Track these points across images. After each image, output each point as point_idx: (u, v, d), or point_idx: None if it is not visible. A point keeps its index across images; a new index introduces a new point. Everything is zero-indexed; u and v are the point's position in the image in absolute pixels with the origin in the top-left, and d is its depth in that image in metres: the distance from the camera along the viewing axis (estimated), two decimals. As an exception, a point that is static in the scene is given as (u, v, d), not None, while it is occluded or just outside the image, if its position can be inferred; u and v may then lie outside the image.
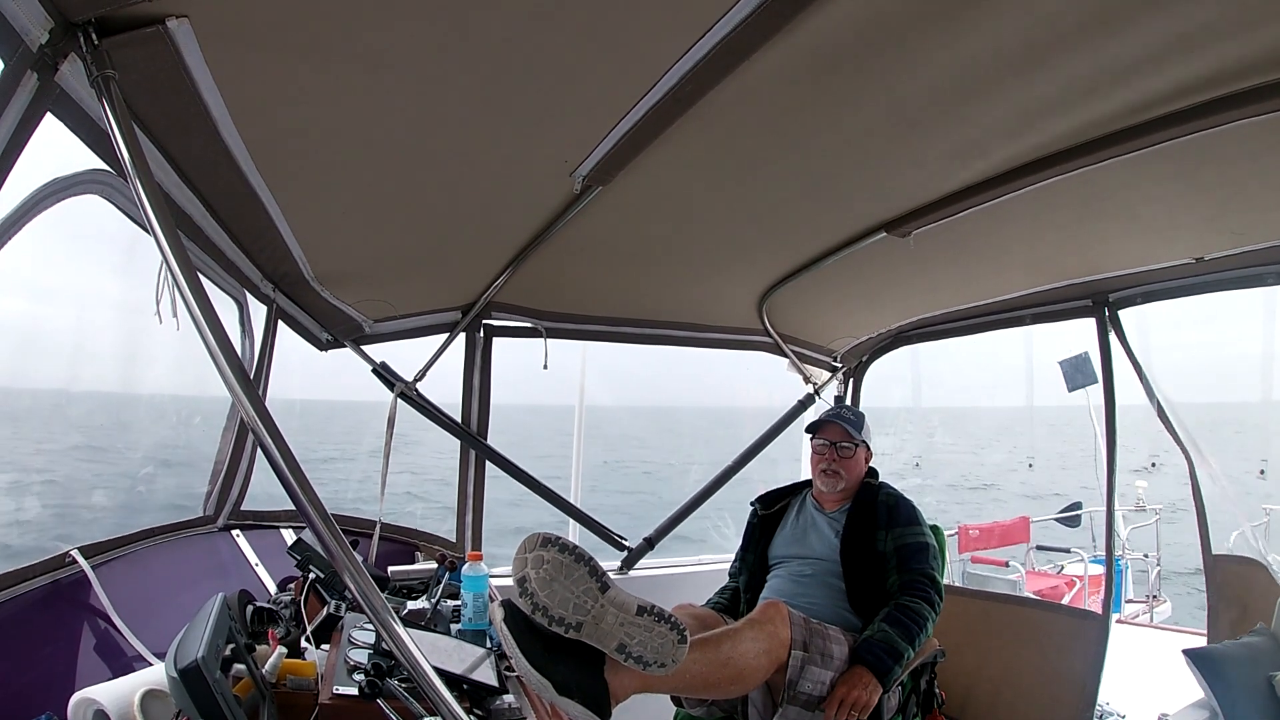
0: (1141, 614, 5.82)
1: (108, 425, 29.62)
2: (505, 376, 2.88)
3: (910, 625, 1.91)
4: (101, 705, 1.13)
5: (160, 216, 0.90)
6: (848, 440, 2.25)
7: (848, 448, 2.25)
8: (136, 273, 1.82)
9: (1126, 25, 1.15)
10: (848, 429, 2.25)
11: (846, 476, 2.24)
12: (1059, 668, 2.41)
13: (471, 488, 2.83)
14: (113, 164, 1.30)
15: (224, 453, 2.27)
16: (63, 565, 1.50)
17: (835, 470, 2.24)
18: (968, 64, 1.26)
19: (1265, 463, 7.48)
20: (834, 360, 3.45)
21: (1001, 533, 6.33)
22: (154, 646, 1.52)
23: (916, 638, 1.91)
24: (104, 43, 0.94)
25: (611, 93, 1.28)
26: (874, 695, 1.79)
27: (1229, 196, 1.80)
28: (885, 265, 2.41)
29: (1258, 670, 2.00)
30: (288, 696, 1.35)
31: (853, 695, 1.77)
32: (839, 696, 1.77)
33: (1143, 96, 1.38)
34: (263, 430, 0.87)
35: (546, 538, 1.51)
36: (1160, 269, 2.31)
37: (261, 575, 2.17)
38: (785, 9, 1.05)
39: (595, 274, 2.48)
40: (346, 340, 2.64)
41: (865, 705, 1.78)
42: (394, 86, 1.20)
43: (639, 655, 1.50)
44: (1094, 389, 5.62)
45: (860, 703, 1.77)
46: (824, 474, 2.26)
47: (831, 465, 2.25)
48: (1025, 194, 1.76)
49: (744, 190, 1.81)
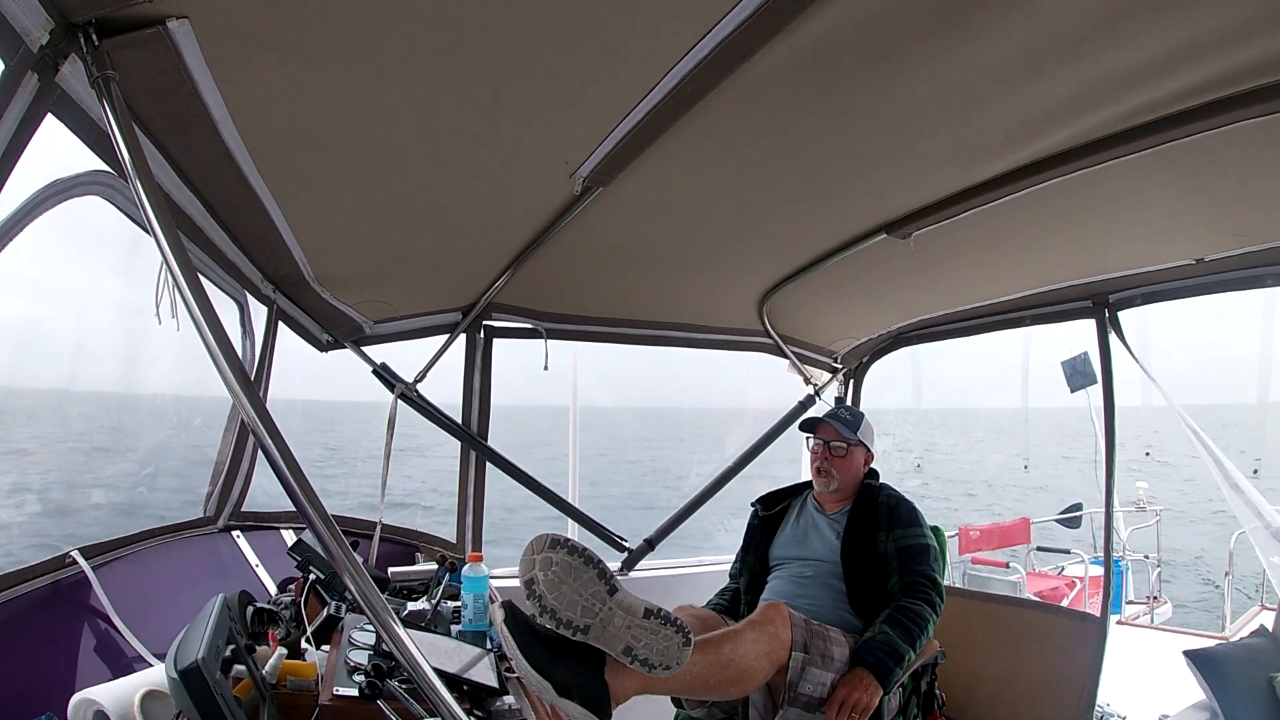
0: (1142, 615, 5.82)
1: (110, 426, 29.67)
2: (503, 377, 2.88)
3: (911, 627, 1.91)
4: (101, 706, 1.13)
5: (161, 217, 0.90)
6: (839, 440, 2.24)
7: (840, 447, 2.24)
8: (136, 274, 1.82)
9: (1127, 29, 1.15)
10: (839, 428, 2.25)
11: (839, 476, 2.23)
12: (1059, 669, 2.41)
13: (472, 489, 2.83)
14: (113, 165, 1.30)
15: (224, 454, 2.28)
16: (63, 566, 1.50)
17: (828, 470, 2.24)
18: (968, 66, 1.26)
19: (1259, 461, 7.46)
20: (834, 361, 3.45)
21: (1002, 534, 6.33)
22: (154, 647, 1.52)
23: (917, 640, 1.91)
24: (104, 43, 0.94)
25: (612, 94, 1.28)
26: (874, 697, 1.79)
27: (1229, 198, 1.80)
28: (886, 266, 2.41)
29: (1258, 671, 2.00)
30: (288, 697, 1.35)
31: (853, 697, 1.77)
32: (839, 698, 1.77)
33: (1143, 99, 1.38)
34: (263, 431, 0.87)
35: (555, 539, 1.50)
36: (1161, 270, 2.31)
37: (262, 576, 2.17)
38: (785, 10, 1.05)
39: (595, 275, 2.48)
40: (347, 341, 2.64)
41: (866, 707, 1.78)
42: (394, 87, 1.20)
43: (645, 658, 1.49)
44: (1094, 390, 5.63)
45: (861, 705, 1.77)
46: (818, 473, 2.26)
47: (824, 464, 2.25)
48: (1026, 195, 1.76)
49: (744, 191, 1.81)
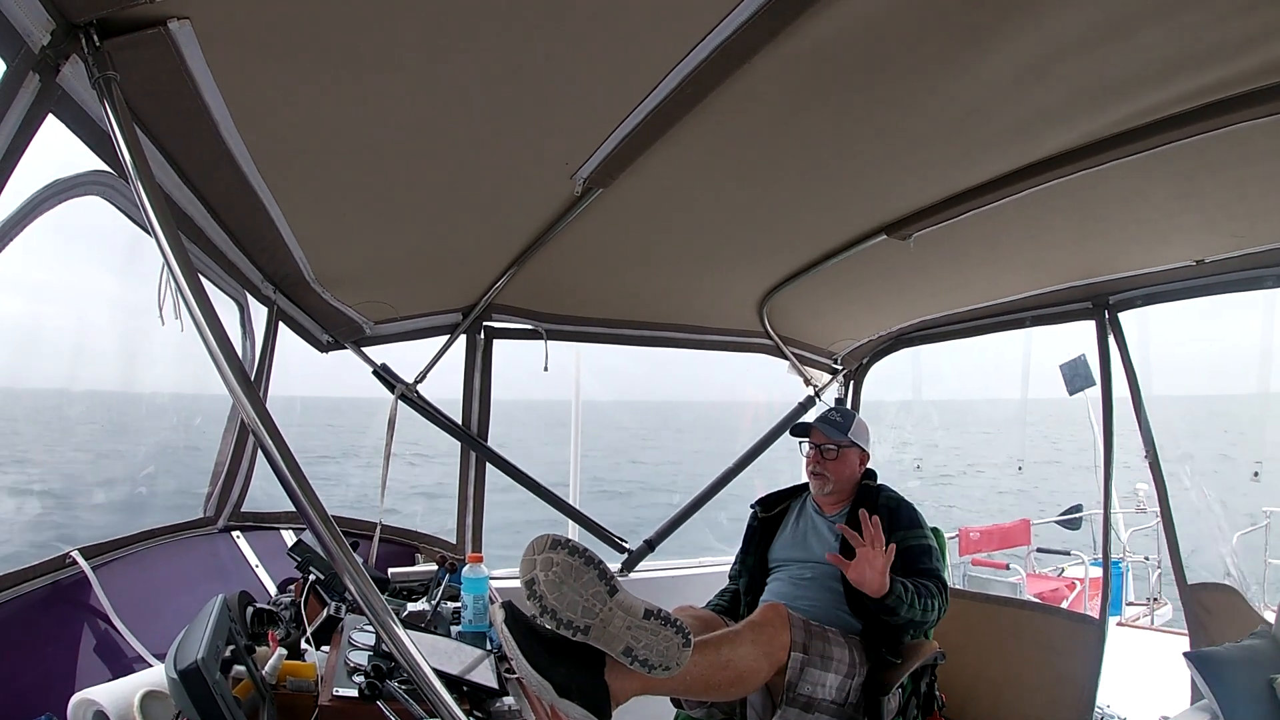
0: (1142, 616, 5.82)
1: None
2: (502, 375, 2.88)
3: (920, 591, 1.91)
4: (101, 706, 1.13)
5: (161, 218, 0.90)
6: (830, 443, 2.25)
7: (831, 450, 2.25)
8: (136, 274, 1.83)
9: (1127, 33, 1.15)
10: (829, 431, 2.25)
11: (834, 478, 2.24)
12: (1059, 670, 2.41)
13: (472, 489, 2.83)
14: (114, 165, 1.30)
15: (224, 454, 2.28)
16: (63, 566, 1.50)
17: (821, 473, 2.24)
18: (969, 68, 1.26)
19: (1260, 464, 7.44)
20: (834, 362, 3.45)
21: (1002, 535, 6.33)
22: (154, 648, 1.52)
23: (919, 601, 1.90)
24: (105, 44, 0.94)
25: (612, 95, 1.28)
26: (883, 576, 1.82)
27: (1229, 199, 1.80)
28: (886, 268, 2.42)
29: (1259, 673, 2.00)
30: (288, 698, 1.35)
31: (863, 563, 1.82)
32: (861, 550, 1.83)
33: (1143, 101, 1.38)
34: (263, 432, 0.87)
35: (556, 539, 1.50)
36: (1160, 271, 2.31)
37: (261, 577, 2.17)
38: (786, 12, 1.05)
39: (596, 276, 2.48)
40: (347, 342, 2.64)
41: (882, 569, 1.82)
42: (395, 89, 1.20)
43: (644, 659, 1.49)
44: (1093, 391, 5.63)
45: (875, 563, 1.81)
46: (813, 476, 2.27)
47: (818, 468, 2.25)
48: (1026, 196, 1.76)
49: (744, 192, 1.82)
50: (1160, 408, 2.53)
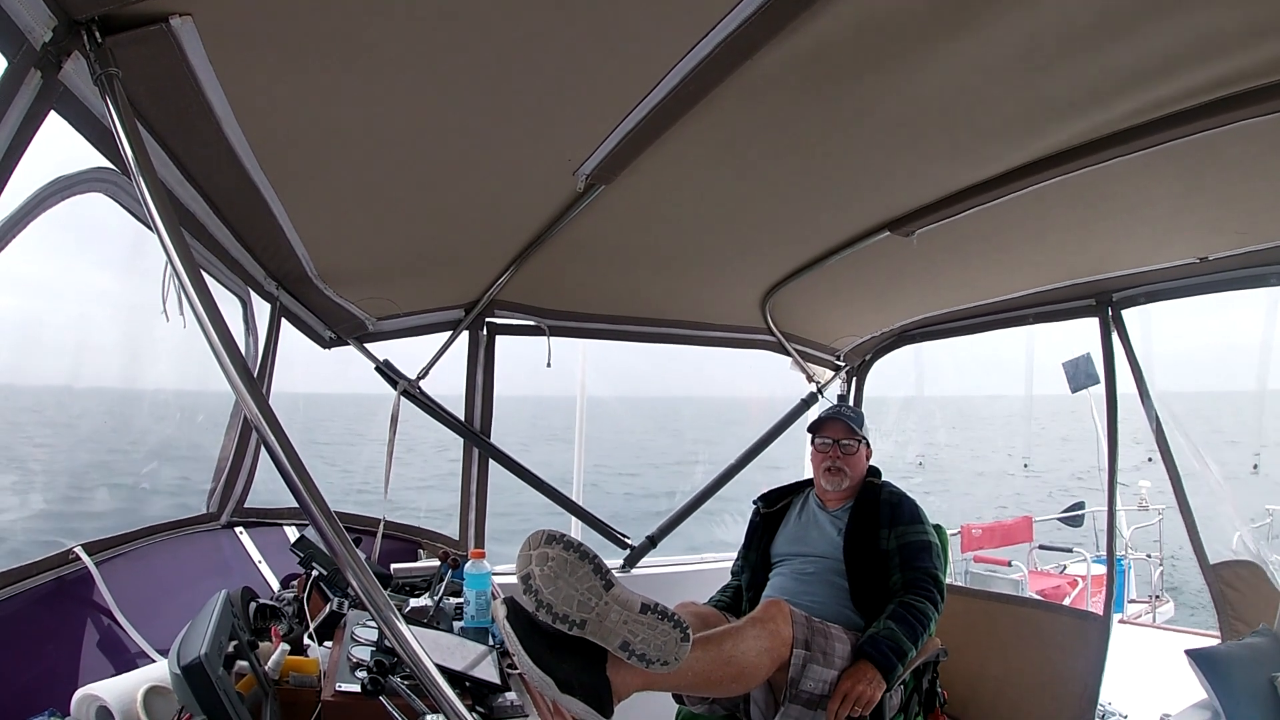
0: (1144, 614, 5.82)
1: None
2: (505, 371, 2.88)
3: (914, 624, 1.91)
4: (105, 701, 1.13)
5: (164, 214, 0.90)
6: (850, 437, 2.25)
7: (850, 444, 2.25)
8: (139, 271, 1.83)
9: (1131, 28, 1.15)
10: (850, 425, 2.26)
11: (850, 473, 2.24)
12: (1061, 668, 2.41)
13: (474, 486, 2.83)
14: (116, 162, 1.30)
15: (227, 450, 2.28)
16: (66, 562, 1.51)
17: (839, 467, 2.24)
18: (971, 64, 1.25)
19: (1259, 457, 7.40)
20: (837, 359, 3.45)
21: (1004, 532, 6.33)
22: (157, 643, 1.53)
23: (920, 636, 1.91)
24: (107, 41, 0.94)
25: (615, 91, 1.28)
26: (877, 691, 1.80)
27: (1233, 196, 1.79)
28: (888, 264, 2.41)
29: (1260, 671, 1.99)
30: (290, 693, 1.36)
31: (857, 689, 1.77)
32: (843, 690, 1.77)
33: (1147, 97, 1.37)
34: (266, 428, 0.87)
35: (551, 535, 1.51)
36: (1164, 269, 2.30)
37: (264, 572, 2.18)
38: (788, 8, 1.04)
39: (598, 272, 2.48)
40: (350, 338, 2.64)
41: (869, 700, 1.78)
42: (398, 85, 1.20)
43: (642, 653, 1.50)
44: (1096, 389, 5.61)
45: (864, 697, 1.77)
46: (828, 472, 2.26)
47: (835, 463, 2.25)
48: (1029, 194, 1.75)
49: (747, 189, 1.81)
50: (1162, 405, 2.53)
